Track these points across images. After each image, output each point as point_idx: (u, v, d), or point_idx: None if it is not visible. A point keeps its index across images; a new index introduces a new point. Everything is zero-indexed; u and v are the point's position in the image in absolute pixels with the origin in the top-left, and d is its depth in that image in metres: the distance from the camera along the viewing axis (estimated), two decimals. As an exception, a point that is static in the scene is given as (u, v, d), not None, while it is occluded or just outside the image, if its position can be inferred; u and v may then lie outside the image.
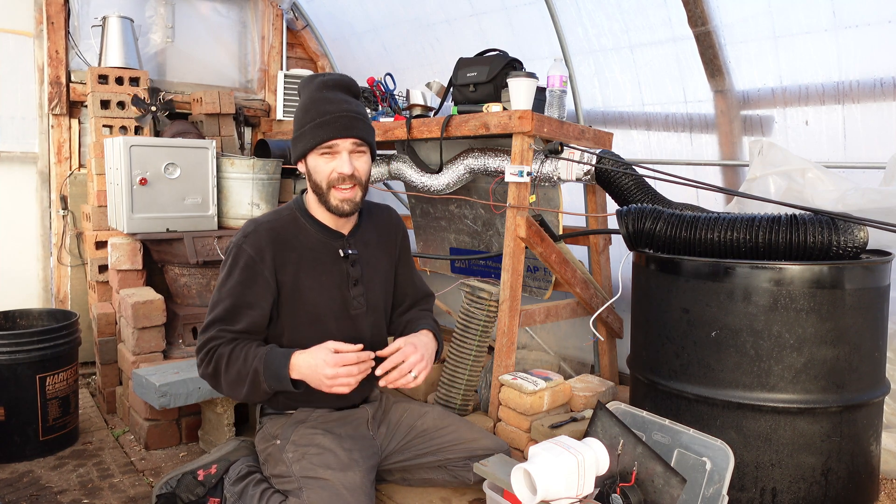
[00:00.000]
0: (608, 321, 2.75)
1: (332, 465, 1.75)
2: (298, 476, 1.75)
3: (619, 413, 1.98)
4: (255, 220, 1.90)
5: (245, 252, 1.82)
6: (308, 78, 1.91)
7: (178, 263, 2.97)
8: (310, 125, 1.81)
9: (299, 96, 1.91)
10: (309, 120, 1.81)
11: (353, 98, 1.89)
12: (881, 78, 2.20)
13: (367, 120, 1.87)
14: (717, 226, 1.91)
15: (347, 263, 1.92)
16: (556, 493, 1.59)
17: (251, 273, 1.82)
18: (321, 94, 1.83)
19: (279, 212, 1.95)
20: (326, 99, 1.82)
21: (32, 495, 2.22)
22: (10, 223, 3.46)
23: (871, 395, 1.87)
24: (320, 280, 1.89)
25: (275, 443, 1.88)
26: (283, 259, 1.85)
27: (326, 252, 1.91)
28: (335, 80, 1.87)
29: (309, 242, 1.90)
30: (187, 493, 1.94)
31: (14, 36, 3.40)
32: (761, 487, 1.84)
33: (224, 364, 1.76)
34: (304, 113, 1.84)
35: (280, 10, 4.09)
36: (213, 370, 1.78)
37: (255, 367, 1.73)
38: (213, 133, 3.68)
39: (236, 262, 1.83)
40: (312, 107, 1.82)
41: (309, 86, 1.87)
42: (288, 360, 1.74)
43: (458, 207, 3.11)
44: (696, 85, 2.65)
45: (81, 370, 3.34)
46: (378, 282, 2.01)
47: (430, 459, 1.97)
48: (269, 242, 1.84)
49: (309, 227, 1.91)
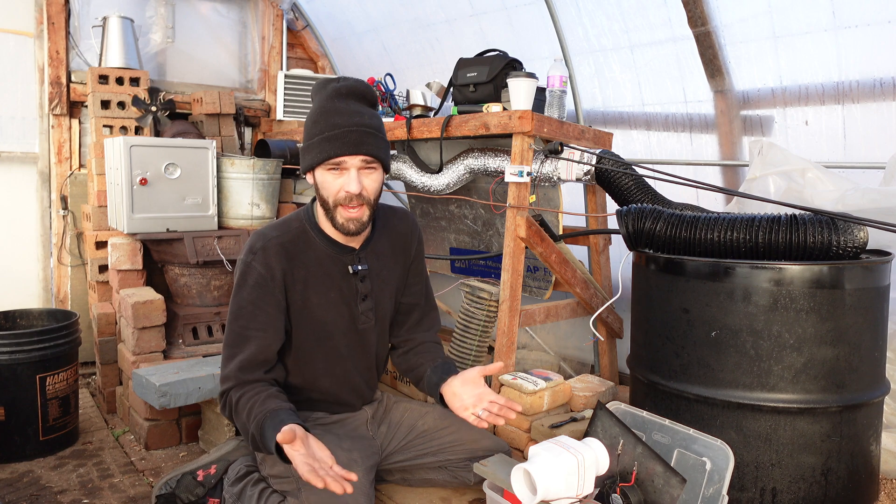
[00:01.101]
0: (608, 321, 2.75)
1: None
2: (297, 475, 1.75)
3: (619, 413, 1.98)
4: (264, 235, 1.82)
5: (255, 270, 1.77)
6: (322, 83, 1.78)
7: (179, 263, 2.98)
8: (318, 138, 1.71)
9: (312, 101, 1.81)
10: (318, 132, 1.71)
11: (368, 108, 1.77)
12: (881, 78, 2.20)
13: (380, 133, 1.76)
14: (717, 226, 1.91)
15: (356, 279, 1.87)
16: (556, 493, 1.59)
17: (262, 292, 1.77)
18: (333, 103, 1.72)
19: (288, 223, 1.87)
20: (337, 110, 1.71)
21: (32, 495, 2.22)
22: (11, 223, 3.46)
23: (871, 395, 1.87)
24: (328, 297, 1.85)
25: None
26: (292, 276, 1.81)
27: (335, 267, 1.85)
28: (349, 87, 1.75)
29: (318, 257, 1.83)
30: (187, 494, 1.94)
31: (14, 36, 3.40)
32: (761, 487, 1.84)
33: (234, 412, 1.73)
34: (313, 123, 1.74)
35: (280, 11, 4.09)
36: (228, 414, 1.77)
37: (253, 434, 1.66)
38: (213, 133, 3.68)
39: (245, 279, 1.78)
40: (322, 118, 1.72)
41: (321, 92, 1.76)
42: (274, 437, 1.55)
43: (458, 207, 3.11)
44: (696, 85, 2.65)
45: (81, 370, 3.34)
46: (388, 294, 1.98)
47: (430, 460, 1.96)
48: (278, 260, 1.78)
49: (318, 242, 1.84)
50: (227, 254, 2.97)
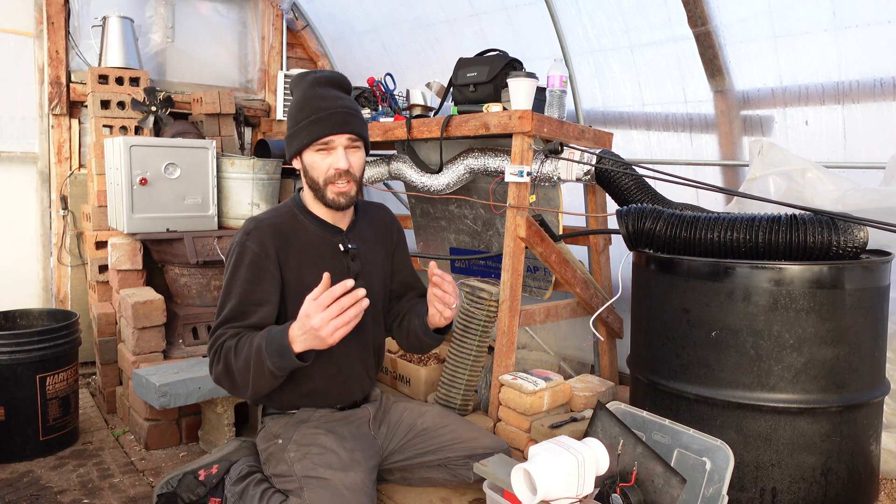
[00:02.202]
0: (608, 321, 2.75)
1: (333, 464, 1.75)
2: (300, 476, 1.76)
3: (619, 413, 1.98)
4: (256, 218, 1.90)
5: (249, 249, 1.81)
6: (300, 75, 1.90)
7: (179, 263, 2.98)
8: (305, 122, 1.81)
9: (292, 94, 1.92)
10: (304, 117, 1.82)
11: (345, 94, 1.90)
12: (881, 78, 2.20)
13: (360, 115, 1.89)
14: (717, 226, 1.91)
15: (348, 258, 1.93)
16: (556, 493, 1.59)
17: (257, 269, 1.81)
18: (314, 90, 1.84)
19: (278, 209, 1.95)
20: (320, 95, 1.83)
21: (32, 495, 2.22)
22: (11, 223, 3.47)
23: (871, 395, 1.87)
24: (321, 275, 1.87)
25: (276, 442, 1.88)
26: (286, 254, 1.86)
27: (326, 247, 1.92)
28: (327, 76, 1.88)
29: (309, 238, 1.90)
30: (188, 493, 1.94)
31: (14, 36, 3.40)
32: (761, 487, 1.84)
33: (233, 356, 1.67)
34: (298, 110, 1.84)
35: (280, 11, 4.09)
36: (223, 367, 1.69)
37: (259, 345, 1.62)
38: (213, 133, 3.68)
39: (241, 259, 1.81)
40: (307, 104, 1.83)
41: (301, 83, 1.87)
42: (286, 333, 1.61)
43: (458, 207, 3.11)
44: (696, 85, 2.65)
45: (81, 370, 3.34)
46: (377, 276, 2.02)
47: (430, 458, 1.97)
48: (271, 238, 1.84)
49: (308, 223, 1.92)
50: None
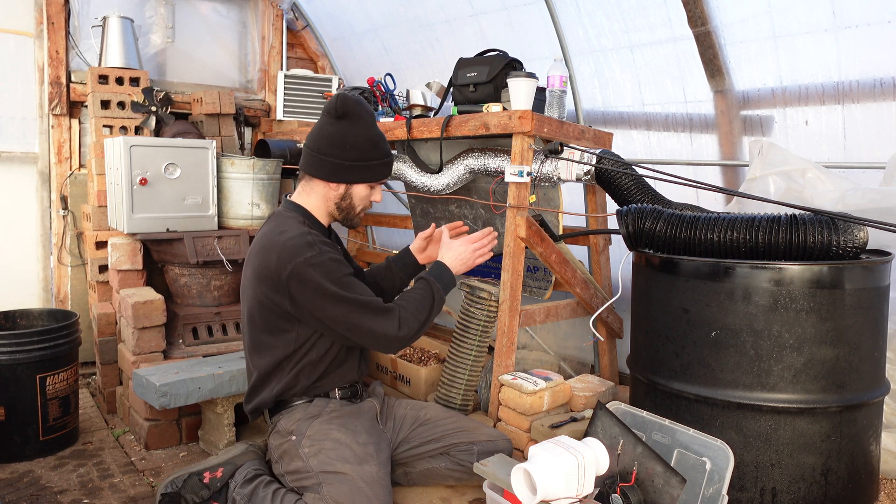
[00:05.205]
0: (608, 321, 2.75)
1: (348, 458, 1.81)
2: (317, 471, 1.80)
3: (619, 413, 1.98)
4: (300, 234, 1.92)
5: (327, 252, 1.88)
6: (362, 104, 1.98)
7: (179, 263, 2.97)
8: (377, 162, 1.99)
9: (351, 117, 1.95)
10: (378, 156, 1.99)
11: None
12: (881, 78, 2.20)
13: None
14: (717, 226, 1.91)
15: (348, 256, 2.16)
16: (556, 493, 1.59)
17: (344, 265, 1.91)
18: (377, 129, 2.01)
19: (298, 226, 1.97)
20: (383, 138, 2.02)
21: (32, 495, 2.22)
22: (11, 223, 3.46)
23: (871, 395, 1.87)
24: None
25: (290, 439, 1.91)
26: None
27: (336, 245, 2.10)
28: (373, 112, 2.05)
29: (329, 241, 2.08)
30: (192, 495, 1.94)
31: (14, 36, 3.40)
32: (761, 487, 1.84)
33: (414, 308, 1.95)
34: (372, 147, 1.97)
35: (280, 11, 4.09)
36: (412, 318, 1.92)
37: (429, 282, 2.03)
38: (213, 133, 3.68)
39: (326, 262, 1.86)
40: (380, 143, 2.00)
41: (364, 113, 1.97)
42: (444, 266, 2.11)
43: (458, 207, 3.11)
44: (696, 85, 2.65)
45: (81, 370, 3.34)
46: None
47: (434, 446, 2.04)
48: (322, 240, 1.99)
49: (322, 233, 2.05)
50: (227, 254, 2.98)
